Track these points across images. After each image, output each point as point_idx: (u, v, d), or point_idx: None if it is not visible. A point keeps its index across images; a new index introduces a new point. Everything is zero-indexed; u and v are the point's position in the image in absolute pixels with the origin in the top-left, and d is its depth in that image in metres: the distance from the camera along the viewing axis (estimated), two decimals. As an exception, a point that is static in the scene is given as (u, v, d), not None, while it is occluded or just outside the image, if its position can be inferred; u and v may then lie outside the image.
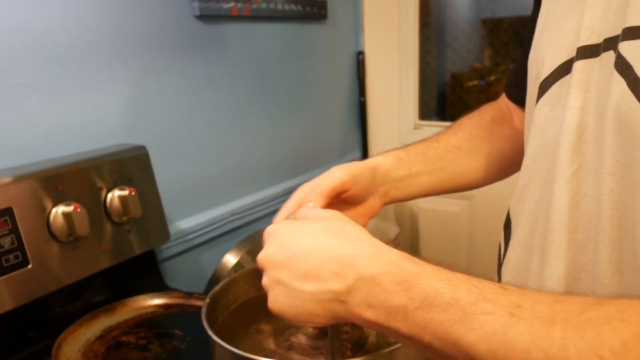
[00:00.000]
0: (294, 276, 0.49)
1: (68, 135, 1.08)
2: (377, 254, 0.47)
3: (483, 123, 0.84)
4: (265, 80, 1.58)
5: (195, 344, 0.91)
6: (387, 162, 0.75)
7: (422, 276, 0.44)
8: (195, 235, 1.37)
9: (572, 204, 0.55)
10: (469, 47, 3.11)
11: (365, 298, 0.45)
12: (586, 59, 0.55)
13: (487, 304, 0.40)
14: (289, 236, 0.51)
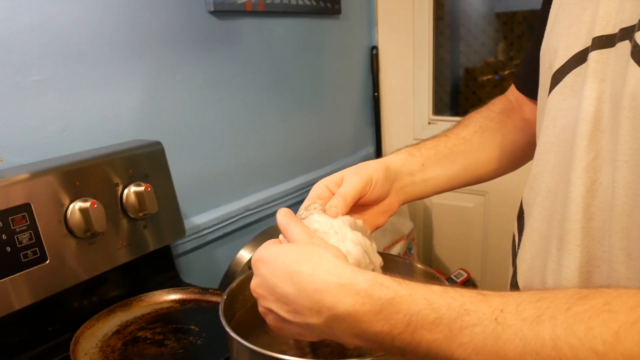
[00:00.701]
0: (280, 308, 0.50)
1: (83, 132, 1.09)
2: (344, 287, 0.46)
3: (492, 115, 0.84)
4: (279, 75, 1.58)
5: (212, 339, 0.92)
6: (399, 158, 0.75)
7: (399, 302, 0.43)
8: (210, 230, 1.37)
9: (588, 192, 0.55)
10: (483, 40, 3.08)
11: (347, 330, 0.46)
12: (602, 49, 0.55)
13: (469, 316, 0.40)
14: (267, 268, 0.51)
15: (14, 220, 0.84)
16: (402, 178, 0.74)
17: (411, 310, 0.43)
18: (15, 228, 0.84)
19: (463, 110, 2.42)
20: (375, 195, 0.69)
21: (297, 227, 0.56)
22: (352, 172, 0.68)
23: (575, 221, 0.56)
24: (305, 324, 0.48)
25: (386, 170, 0.71)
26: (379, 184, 0.68)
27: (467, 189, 2.03)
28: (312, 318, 0.47)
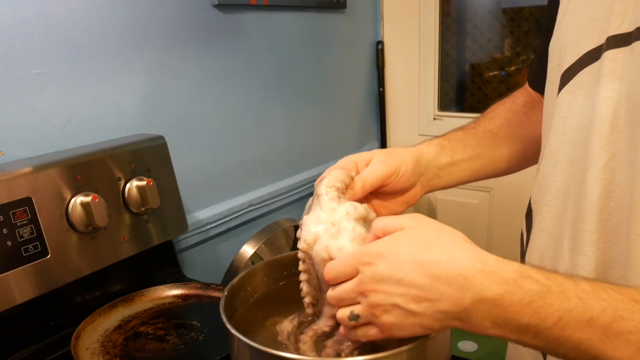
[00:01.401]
0: (409, 301, 0.48)
1: (86, 126, 1.08)
2: (491, 274, 0.45)
3: (516, 108, 0.83)
4: (283, 70, 1.57)
5: (213, 335, 0.91)
6: (431, 151, 0.74)
7: (550, 296, 0.44)
8: (212, 225, 1.37)
9: (605, 193, 0.55)
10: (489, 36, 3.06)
11: (487, 318, 0.45)
12: (617, 48, 0.54)
13: (624, 323, 0.42)
14: (388, 262, 0.49)
15: (15, 214, 0.84)
16: (430, 171, 0.73)
17: (563, 307, 0.43)
18: (16, 222, 0.84)
19: (469, 106, 2.41)
20: (399, 187, 0.68)
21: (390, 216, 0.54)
22: (381, 158, 0.67)
23: (591, 222, 0.56)
24: (438, 313, 0.47)
25: (417, 163, 0.70)
26: (405, 176, 0.68)
27: (473, 185, 2.02)
28: (450, 305, 0.46)
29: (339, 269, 0.52)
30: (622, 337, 0.42)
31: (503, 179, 0.87)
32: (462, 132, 0.79)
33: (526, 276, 0.45)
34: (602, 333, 0.42)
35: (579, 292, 0.44)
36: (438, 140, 0.77)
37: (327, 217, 0.59)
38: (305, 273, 0.60)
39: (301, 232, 0.60)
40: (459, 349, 1.96)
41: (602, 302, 0.43)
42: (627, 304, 0.43)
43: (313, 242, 0.58)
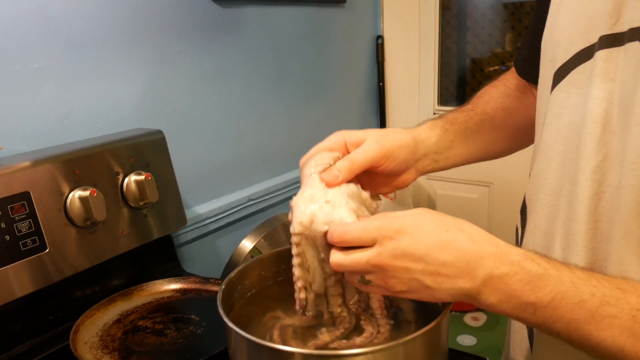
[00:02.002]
0: (427, 276, 0.51)
1: (84, 120, 1.08)
2: (501, 255, 0.50)
3: (510, 92, 0.83)
4: (282, 64, 1.56)
5: (212, 329, 0.91)
6: (434, 135, 0.73)
7: (547, 278, 0.48)
8: (211, 220, 1.37)
9: (596, 194, 0.55)
10: (490, 31, 3.05)
11: (494, 295, 0.50)
12: (610, 48, 0.54)
13: (610, 307, 0.46)
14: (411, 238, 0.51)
15: (13, 208, 0.84)
16: (428, 156, 0.72)
17: (557, 289, 0.48)
18: (14, 216, 0.84)
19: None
20: (391, 170, 0.67)
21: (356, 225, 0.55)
22: (375, 139, 0.65)
23: (582, 222, 0.56)
24: (453, 289, 0.51)
25: (415, 148, 0.69)
26: (398, 160, 0.66)
27: (473, 180, 2.02)
28: (465, 282, 0.50)
29: (356, 234, 0.52)
30: (606, 320, 0.46)
31: (503, 174, 0.88)
32: (463, 114, 0.78)
33: (529, 259, 0.50)
34: (589, 315, 0.47)
35: (573, 278, 0.48)
36: (441, 122, 0.75)
37: (320, 195, 0.58)
38: (299, 257, 0.59)
39: (293, 215, 0.58)
40: (458, 342, 1.96)
41: (592, 288, 0.47)
42: (614, 291, 0.47)
43: (309, 223, 0.57)
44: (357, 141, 0.65)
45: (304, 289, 0.61)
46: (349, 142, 0.65)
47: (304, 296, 0.61)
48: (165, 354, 0.85)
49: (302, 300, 0.62)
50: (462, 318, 2.08)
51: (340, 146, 0.64)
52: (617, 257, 0.53)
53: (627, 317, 0.46)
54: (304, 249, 0.59)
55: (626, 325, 0.46)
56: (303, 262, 0.59)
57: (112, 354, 0.85)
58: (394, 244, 0.51)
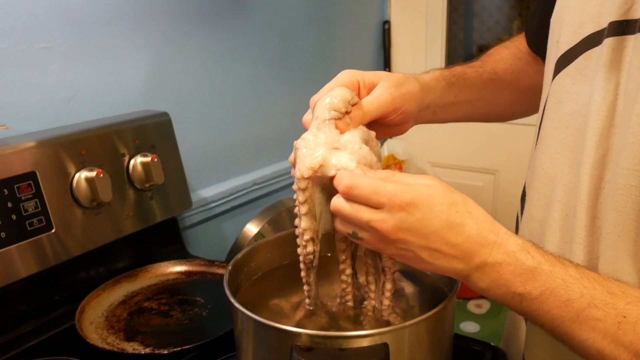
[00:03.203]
0: (425, 251, 0.51)
1: (90, 101, 1.07)
2: (500, 245, 0.50)
3: (521, 55, 0.80)
4: (288, 48, 1.55)
5: (217, 311, 0.92)
6: (439, 87, 0.70)
7: (539, 273, 0.48)
8: (217, 204, 1.37)
9: (595, 190, 0.54)
10: (498, 17, 3.02)
11: (485, 280, 0.50)
12: (620, 36, 0.52)
13: (597, 310, 0.46)
14: (422, 214, 0.49)
15: (20, 188, 0.84)
16: (430, 108, 0.70)
17: (547, 284, 0.48)
18: (20, 196, 0.84)
19: (475, 89, 2.39)
20: (394, 121, 0.64)
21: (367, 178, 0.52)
22: (387, 88, 0.61)
23: (580, 218, 0.56)
24: (446, 267, 0.51)
25: (422, 99, 0.66)
26: (404, 114, 0.64)
27: (478, 168, 2.02)
28: (459, 264, 0.51)
29: (365, 192, 0.50)
30: (590, 322, 0.46)
31: (508, 162, 0.86)
32: (471, 69, 0.76)
33: (525, 250, 0.49)
34: (575, 315, 0.47)
35: (565, 276, 0.48)
36: (448, 75, 0.73)
37: (330, 140, 0.56)
38: (306, 204, 0.56)
39: (298, 157, 0.55)
40: (461, 329, 1.97)
41: (582, 289, 0.47)
42: (603, 295, 0.47)
43: (319, 167, 0.54)
44: (370, 84, 0.62)
45: (312, 240, 0.58)
46: (362, 82, 0.61)
47: (311, 249, 0.58)
48: (170, 334, 0.85)
49: (310, 253, 0.59)
50: (465, 305, 2.08)
51: (354, 86, 0.61)
52: (610, 256, 0.52)
53: (612, 322, 0.46)
54: (312, 193, 0.56)
55: (610, 330, 0.46)
56: (310, 209, 0.57)
57: (118, 334, 0.86)
58: (403, 216, 0.49)
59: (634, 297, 0.46)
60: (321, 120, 0.56)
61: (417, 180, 0.52)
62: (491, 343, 0.77)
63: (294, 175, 0.56)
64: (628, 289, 0.47)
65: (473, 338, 0.78)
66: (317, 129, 0.56)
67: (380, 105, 0.60)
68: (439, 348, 0.60)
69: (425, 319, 0.54)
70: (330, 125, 0.56)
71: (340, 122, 0.57)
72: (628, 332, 0.45)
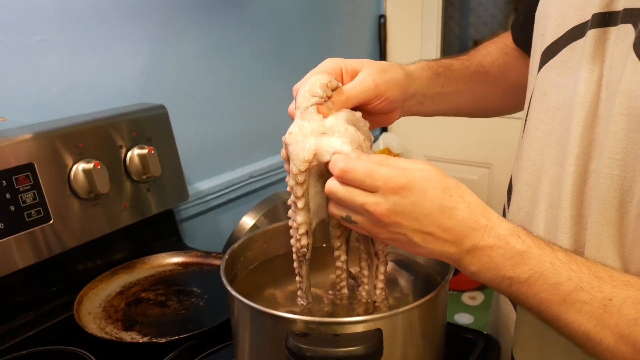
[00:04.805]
0: (417, 235, 0.51)
1: (86, 94, 1.08)
2: (491, 229, 0.51)
3: (508, 51, 0.81)
4: (285, 41, 1.56)
5: (214, 301, 0.93)
6: (425, 77, 0.71)
7: (528, 256, 0.49)
8: (213, 196, 1.37)
9: (580, 180, 0.55)
10: (493, 12, 3.03)
11: (475, 264, 0.51)
12: (602, 27, 0.52)
13: (584, 293, 0.47)
14: (415, 197, 0.50)
15: (18, 179, 0.85)
16: (416, 98, 0.70)
17: (536, 268, 0.49)
18: (19, 187, 0.85)
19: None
20: (379, 108, 0.64)
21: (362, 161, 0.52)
22: (371, 73, 0.61)
23: (566, 208, 0.56)
24: (438, 250, 0.52)
25: (406, 87, 0.66)
26: (388, 100, 0.64)
27: (473, 161, 2.03)
28: (451, 247, 0.51)
29: (359, 176, 0.50)
30: (577, 305, 0.47)
31: (503, 156, 0.87)
32: (458, 62, 0.77)
33: (515, 235, 0.50)
34: (562, 298, 0.48)
35: (553, 259, 0.49)
36: (435, 65, 0.73)
37: (316, 128, 0.56)
38: (303, 198, 0.57)
39: (291, 153, 0.56)
40: (456, 321, 1.99)
41: (570, 272, 0.48)
42: (590, 278, 0.48)
43: (313, 157, 0.54)
44: (353, 70, 0.62)
45: (306, 234, 0.58)
46: (345, 69, 0.62)
47: (305, 242, 0.59)
48: (167, 324, 0.86)
49: (304, 247, 0.59)
50: (459, 297, 2.10)
51: (336, 73, 0.61)
52: (595, 244, 0.53)
53: (599, 305, 0.47)
54: (308, 186, 0.56)
55: (596, 312, 0.47)
56: (307, 203, 0.57)
57: (116, 323, 0.87)
58: (397, 199, 0.50)
59: (620, 281, 0.47)
60: (303, 109, 0.57)
61: (411, 164, 0.52)
62: (484, 332, 0.78)
63: (289, 171, 0.56)
64: (615, 273, 0.48)
65: (466, 327, 0.79)
66: (300, 119, 0.57)
67: (363, 90, 0.60)
68: (432, 335, 0.61)
69: (418, 305, 0.56)
70: (313, 111, 0.56)
71: (322, 107, 0.57)
72: (613, 315, 0.46)
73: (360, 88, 0.60)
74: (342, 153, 0.53)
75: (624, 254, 0.51)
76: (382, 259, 0.61)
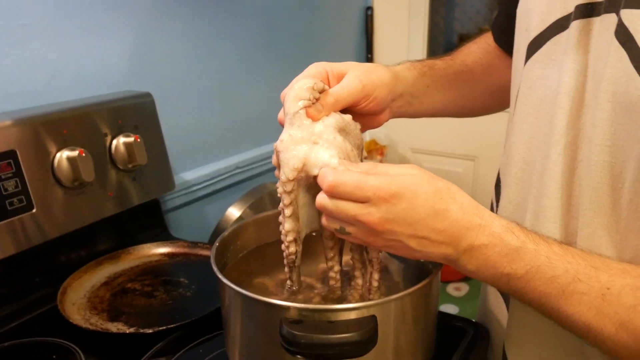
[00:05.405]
0: (413, 240, 0.52)
1: (72, 81, 1.06)
2: (485, 227, 0.51)
3: (490, 50, 0.82)
4: (273, 32, 1.54)
5: (201, 291, 0.91)
6: (411, 76, 0.71)
7: (524, 252, 0.50)
8: (199, 187, 1.36)
9: (569, 170, 0.55)
10: (479, 7, 3.05)
11: (472, 263, 0.52)
12: (586, 18, 0.53)
13: (581, 284, 0.48)
14: (407, 203, 0.50)
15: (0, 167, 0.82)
16: (404, 98, 0.71)
17: (533, 262, 0.49)
18: (0, 175, 0.82)
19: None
20: (369, 110, 0.64)
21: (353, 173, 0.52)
22: (357, 74, 0.61)
23: (554, 198, 0.56)
24: (434, 253, 0.52)
25: (393, 87, 0.67)
26: (377, 100, 0.64)
27: (457, 154, 2.04)
28: (447, 249, 0.52)
29: (348, 189, 0.50)
30: (575, 296, 0.48)
31: (487, 148, 0.88)
32: (442, 62, 0.78)
33: (510, 231, 0.51)
34: (560, 291, 0.48)
35: (549, 253, 0.50)
36: (419, 65, 0.74)
37: (306, 135, 0.56)
38: (291, 206, 0.57)
39: (282, 161, 0.56)
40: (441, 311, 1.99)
41: (567, 264, 0.49)
42: (587, 269, 0.48)
43: (302, 166, 0.55)
44: (339, 74, 0.62)
45: (294, 242, 0.59)
46: (331, 72, 0.62)
47: (294, 250, 0.59)
48: (154, 315, 0.85)
49: (292, 254, 0.60)
50: (444, 288, 2.11)
51: (322, 77, 0.61)
52: (588, 232, 0.54)
53: (597, 294, 0.47)
54: (296, 194, 0.57)
55: (594, 302, 0.47)
56: (294, 211, 0.58)
57: (101, 314, 0.85)
58: (388, 207, 0.50)
59: (617, 270, 0.48)
60: (292, 115, 0.57)
61: (400, 170, 0.52)
62: (473, 320, 0.78)
63: (279, 177, 0.57)
64: (610, 262, 0.49)
65: (455, 315, 0.79)
66: (290, 125, 0.57)
67: (351, 91, 0.61)
68: (424, 322, 0.61)
69: (412, 292, 0.55)
70: (302, 116, 0.56)
71: (311, 110, 0.57)
72: (612, 304, 0.46)
73: (347, 89, 0.60)
74: (330, 166, 0.53)
75: (617, 241, 0.52)
76: (376, 267, 0.61)
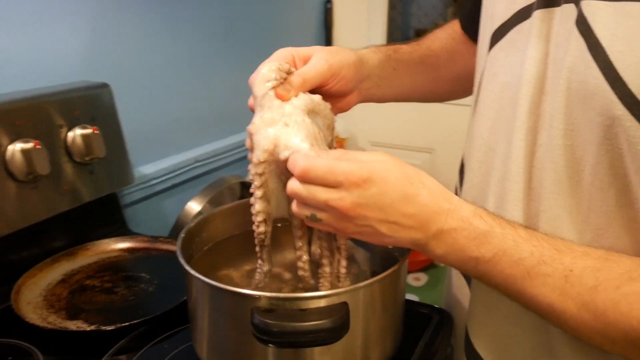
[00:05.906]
0: (383, 225, 0.52)
1: (22, 70, 1.01)
2: (454, 212, 0.52)
3: (456, 36, 0.84)
4: (230, 25, 1.52)
5: (164, 286, 0.90)
6: (377, 58, 0.72)
7: (492, 236, 0.51)
8: (158, 181, 1.33)
9: (530, 154, 0.57)
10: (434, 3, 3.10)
11: (441, 247, 0.53)
12: (547, 8, 0.55)
13: (545, 267, 0.49)
14: (378, 188, 0.51)
15: (-52, 159, 0.78)
16: (371, 79, 0.71)
17: (500, 246, 0.51)
18: (-52, 168, 0.78)
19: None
20: (337, 90, 0.65)
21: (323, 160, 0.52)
22: (322, 55, 0.63)
23: (516, 181, 0.58)
24: (405, 238, 0.53)
25: (360, 67, 0.68)
26: (345, 79, 0.65)
27: (415, 146, 2.07)
28: (417, 233, 0.52)
29: (320, 173, 0.51)
30: (540, 278, 0.49)
31: (444, 141, 0.89)
32: (407, 46, 0.79)
33: (478, 216, 0.52)
34: (526, 273, 0.50)
35: (515, 236, 0.51)
36: (384, 49, 0.75)
37: (276, 116, 0.56)
38: (261, 188, 0.57)
39: (254, 142, 0.56)
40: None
41: (532, 248, 0.50)
42: (551, 252, 0.50)
43: (274, 148, 0.55)
44: (305, 56, 0.63)
45: (264, 222, 0.59)
46: (297, 56, 0.63)
47: (263, 230, 0.59)
48: (116, 311, 0.83)
49: (262, 233, 0.60)
50: (403, 280, 2.14)
51: (289, 60, 0.62)
52: (550, 215, 0.55)
53: (560, 276, 0.49)
54: (267, 178, 0.57)
55: (558, 284, 0.49)
56: (265, 193, 0.58)
57: (59, 313, 0.82)
58: (360, 192, 0.50)
59: (579, 252, 0.49)
60: (261, 97, 0.57)
61: (370, 157, 0.53)
62: (436, 306, 0.80)
63: (251, 160, 0.57)
64: (573, 245, 0.51)
65: (420, 302, 0.80)
66: (260, 107, 0.57)
67: (318, 71, 0.61)
68: (393, 308, 0.61)
69: (381, 279, 0.56)
70: (271, 98, 0.57)
71: (279, 89, 0.57)
72: (575, 285, 0.48)
73: (315, 69, 0.61)
74: (300, 151, 0.53)
75: (579, 222, 0.53)
76: (344, 254, 0.61)
